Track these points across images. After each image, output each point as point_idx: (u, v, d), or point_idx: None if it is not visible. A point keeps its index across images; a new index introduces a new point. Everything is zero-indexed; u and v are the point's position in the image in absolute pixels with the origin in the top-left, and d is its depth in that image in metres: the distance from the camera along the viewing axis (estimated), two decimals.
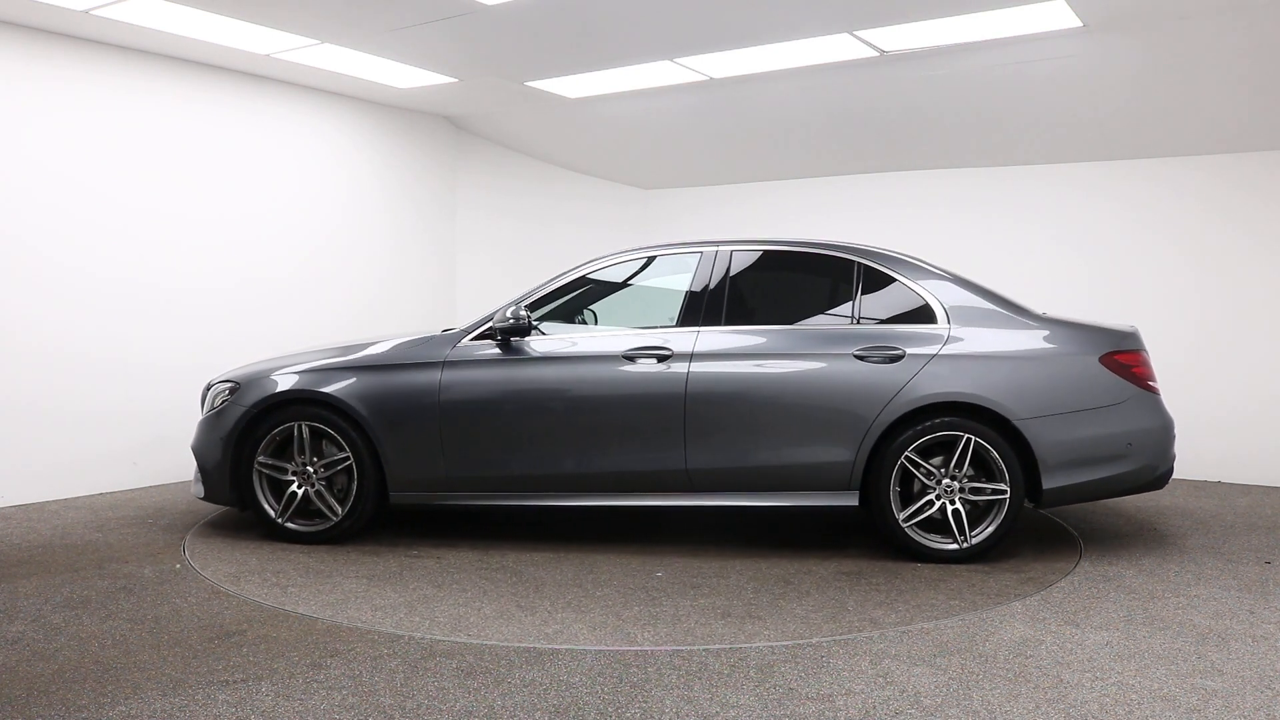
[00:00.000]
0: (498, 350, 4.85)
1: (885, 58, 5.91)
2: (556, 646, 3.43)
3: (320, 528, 4.89)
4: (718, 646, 3.43)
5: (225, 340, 6.66)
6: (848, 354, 4.61)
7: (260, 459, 4.90)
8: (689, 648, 3.42)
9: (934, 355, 4.56)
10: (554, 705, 2.93)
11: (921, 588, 4.15)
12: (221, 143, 6.63)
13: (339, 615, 3.77)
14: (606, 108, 7.33)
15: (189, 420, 6.46)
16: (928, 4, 5.01)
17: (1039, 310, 4.87)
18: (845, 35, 5.51)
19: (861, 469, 4.57)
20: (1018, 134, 6.93)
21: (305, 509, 4.92)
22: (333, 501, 4.88)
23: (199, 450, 5.04)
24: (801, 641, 3.49)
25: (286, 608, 3.86)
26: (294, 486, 4.90)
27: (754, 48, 5.79)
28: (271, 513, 4.91)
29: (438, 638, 3.52)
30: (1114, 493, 4.68)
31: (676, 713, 2.88)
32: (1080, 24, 5.21)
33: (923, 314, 4.70)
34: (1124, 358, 4.59)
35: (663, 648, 3.42)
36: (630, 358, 4.73)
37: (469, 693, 3.02)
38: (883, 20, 5.26)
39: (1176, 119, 6.41)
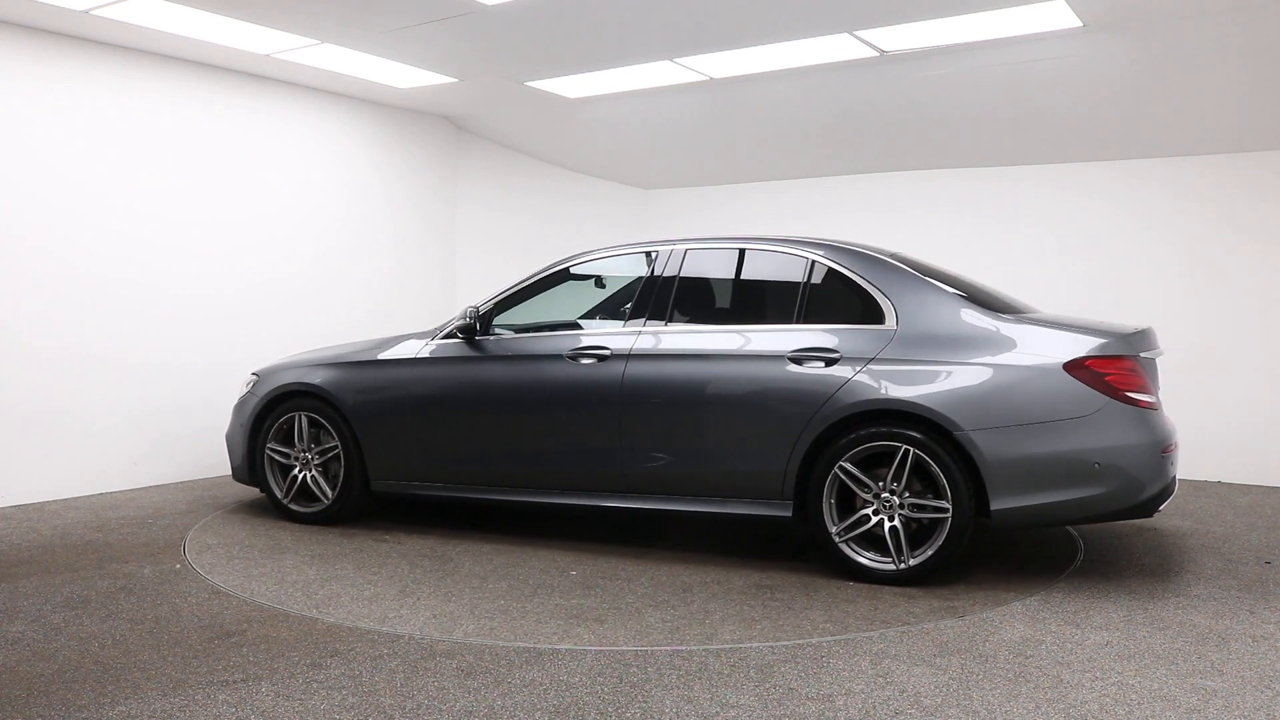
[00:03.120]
0: (461, 349, 5.05)
1: (885, 58, 5.91)
2: (557, 646, 3.43)
3: (315, 509, 5.32)
4: (718, 646, 3.43)
5: (226, 341, 6.66)
6: (782, 356, 4.36)
7: (270, 445, 5.39)
8: (689, 648, 3.42)
9: (871, 359, 4.22)
10: (554, 705, 2.93)
11: (815, 607, 3.87)
12: (221, 143, 6.64)
13: (246, 587, 3.98)
14: (606, 108, 7.34)
15: (190, 421, 6.51)
16: (928, 4, 5.01)
17: (1032, 309, 4.68)
18: (845, 35, 5.51)
19: (794, 478, 4.30)
20: (1017, 134, 6.93)
21: (308, 492, 5.36)
22: (325, 486, 5.30)
23: (228, 434, 5.61)
24: (802, 641, 3.49)
25: (286, 608, 3.86)
26: (295, 471, 5.37)
27: (754, 48, 5.79)
28: (279, 493, 5.40)
29: (438, 637, 3.52)
30: (1083, 518, 4.14)
31: (676, 713, 2.88)
32: (1080, 24, 5.21)
33: (871, 313, 4.36)
34: (1098, 364, 4.04)
35: (663, 648, 3.42)
36: (574, 357, 4.73)
37: (469, 693, 3.02)
38: (883, 20, 5.26)
39: (1176, 119, 6.41)
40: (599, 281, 5.21)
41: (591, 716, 2.85)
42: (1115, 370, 4.05)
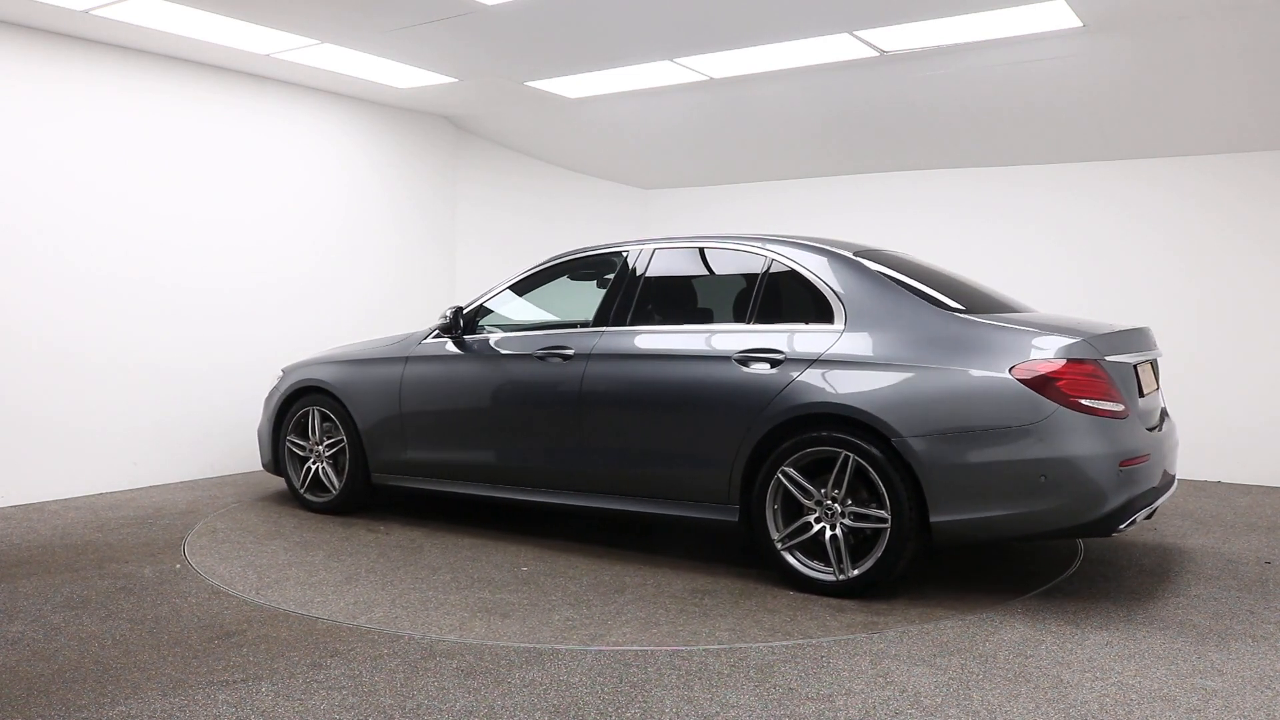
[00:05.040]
0: (445, 348, 5.20)
1: (885, 58, 5.91)
2: (557, 646, 3.43)
3: (325, 500, 5.58)
4: (718, 646, 3.43)
5: (227, 341, 6.67)
6: (729, 357, 4.26)
7: (289, 438, 5.69)
8: (689, 648, 3.42)
9: (814, 360, 4.05)
10: (554, 705, 2.93)
11: (731, 616, 3.76)
12: (221, 143, 6.63)
13: (210, 567, 4.18)
14: (606, 108, 7.33)
15: (190, 421, 6.51)
16: (928, 4, 5.01)
17: (1023, 307, 4.54)
18: (845, 35, 5.51)
19: (739, 482, 4.19)
20: (1017, 134, 6.93)
21: (321, 483, 5.63)
22: (334, 478, 5.56)
23: (259, 428, 5.92)
24: (802, 641, 3.49)
25: (286, 607, 3.86)
26: (309, 463, 5.64)
27: (754, 48, 5.79)
28: (296, 483, 5.68)
29: (438, 637, 3.52)
30: (1031, 534, 3.81)
31: (676, 713, 2.88)
32: (1080, 24, 5.21)
33: (822, 312, 4.19)
34: (1048, 368, 3.73)
35: (663, 647, 3.42)
36: (543, 357, 4.78)
37: (469, 693, 3.02)
38: (883, 20, 5.26)
39: (1176, 119, 6.41)
40: (602, 281, 5.22)
41: (591, 716, 2.85)
42: (1070, 375, 3.73)
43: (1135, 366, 4.10)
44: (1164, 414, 4.45)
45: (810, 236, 4.66)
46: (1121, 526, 3.76)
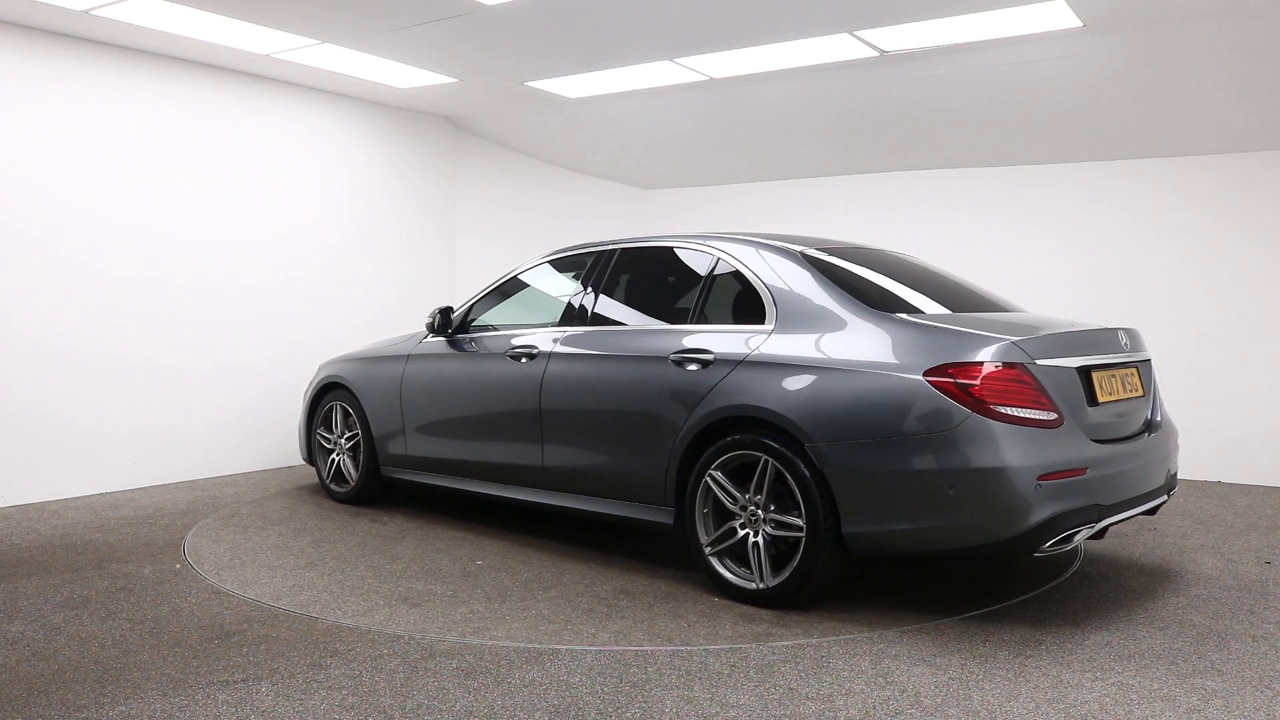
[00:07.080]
0: (437, 347, 5.37)
1: (885, 58, 5.91)
2: (557, 646, 3.43)
3: (345, 490, 5.86)
4: (718, 647, 3.43)
5: (227, 340, 6.67)
6: (665, 357, 4.21)
7: (319, 431, 6.01)
8: (689, 648, 3.42)
9: (740, 361, 3.95)
10: (554, 705, 2.93)
11: (631, 618, 3.72)
12: (221, 143, 6.63)
13: (195, 550, 4.20)
14: (606, 108, 7.33)
15: (190, 421, 6.51)
16: (928, 4, 5.01)
17: (1011, 306, 4.41)
18: (845, 35, 5.51)
19: (673, 485, 4.13)
20: (1017, 134, 6.93)
21: (342, 474, 5.89)
22: (352, 469, 5.82)
23: (300, 422, 6.21)
24: (802, 641, 3.49)
25: (286, 607, 3.86)
26: (333, 455, 5.93)
27: (754, 48, 5.80)
28: (324, 474, 5.98)
29: (438, 637, 3.52)
30: (943, 551, 3.56)
31: (676, 713, 2.88)
32: (1080, 24, 5.21)
33: (755, 312, 4.09)
34: (963, 372, 3.47)
35: (663, 647, 3.42)
36: (515, 356, 4.85)
37: (469, 693, 3.02)
38: (883, 20, 5.26)
39: (1176, 119, 6.41)
40: (572, 280, 5.23)
41: (591, 716, 2.85)
42: (988, 379, 3.45)
43: (1087, 371, 3.77)
44: (1150, 422, 4.15)
45: (765, 234, 4.50)
46: (1046, 545, 3.48)
